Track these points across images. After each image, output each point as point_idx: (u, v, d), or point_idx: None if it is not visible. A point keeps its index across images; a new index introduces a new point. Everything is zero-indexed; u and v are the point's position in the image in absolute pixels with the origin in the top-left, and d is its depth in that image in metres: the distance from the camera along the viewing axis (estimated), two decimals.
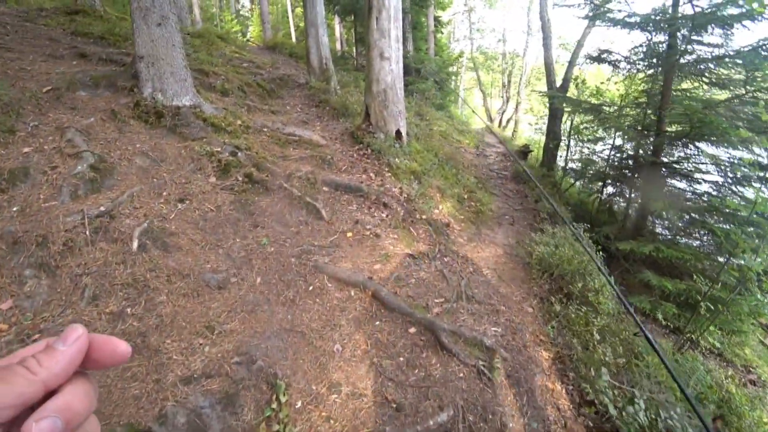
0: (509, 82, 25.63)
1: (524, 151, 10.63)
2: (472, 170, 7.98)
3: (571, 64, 9.89)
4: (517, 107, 21.16)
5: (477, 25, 26.94)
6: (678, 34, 5.56)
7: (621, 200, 7.70)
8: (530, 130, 22.36)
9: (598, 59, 6.77)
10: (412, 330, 3.11)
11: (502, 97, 26.39)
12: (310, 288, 3.33)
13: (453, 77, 19.86)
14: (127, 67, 5.28)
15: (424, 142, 7.75)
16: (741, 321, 4.78)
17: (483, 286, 3.85)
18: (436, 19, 17.96)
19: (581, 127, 8.80)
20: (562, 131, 9.85)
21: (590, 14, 6.98)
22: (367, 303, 3.28)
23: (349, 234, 4.08)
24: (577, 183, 9.06)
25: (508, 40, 26.05)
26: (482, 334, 3.15)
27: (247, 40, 17.49)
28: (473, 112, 17.46)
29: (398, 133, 5.84)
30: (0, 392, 0.33)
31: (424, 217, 4.62)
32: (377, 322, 3.14)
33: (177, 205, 3.62)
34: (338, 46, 18.71)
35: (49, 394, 0.36)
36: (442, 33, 21.61)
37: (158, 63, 4.63)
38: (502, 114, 25.56)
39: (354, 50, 15.67)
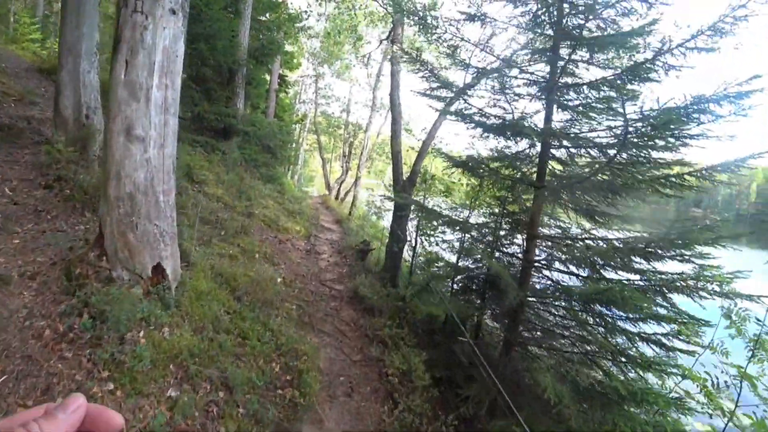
0: (350, 153, 25.09)
1: (364, 249, 8.82)
2: (294, 290, 5.51)
3: (421, 155, 8.80)
4: (356, 181, 20.22)
5: (323, 91, 26.21)
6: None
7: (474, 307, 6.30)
8: (371, 206, 21.73)
9: (463, 165, 5.44)
10: None
11: (342, 166, 25.61)
12: None
13: (292, 142, 17.93)
14: None
15: (226, 253, 5.00)
16: None
17: None
18: (282, 77, 15.97)
19: (429, 230, 7.54)
20: (408, 231, 8.43)
21: (451, 110, 5.69)
22: None
23: None
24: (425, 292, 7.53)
25: (352, 111, 25.85)
26: None
27: (35, 54, 11.91)
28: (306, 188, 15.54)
29: (158, 270, 2.98)
30: None
31: None
32: None
33: None
34: None
35: None
36: (287, 92, 19.72)
37: None
38: (341, 184, 24.55)
39: None
